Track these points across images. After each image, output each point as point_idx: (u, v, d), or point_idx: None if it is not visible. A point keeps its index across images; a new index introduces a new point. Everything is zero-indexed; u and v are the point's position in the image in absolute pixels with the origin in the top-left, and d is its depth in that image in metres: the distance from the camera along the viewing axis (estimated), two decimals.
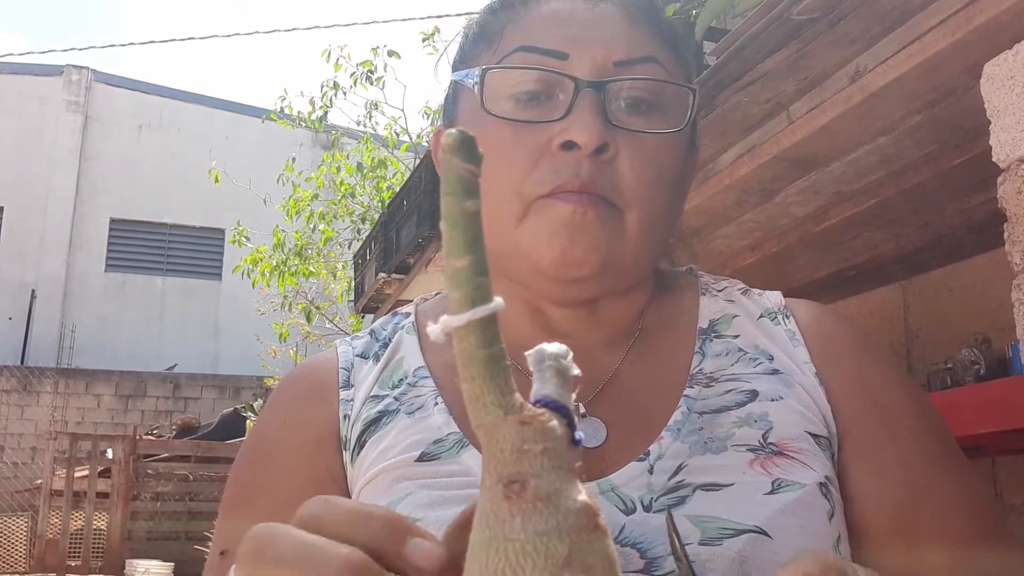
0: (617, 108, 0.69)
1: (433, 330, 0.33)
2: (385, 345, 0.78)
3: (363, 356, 0.78)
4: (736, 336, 0.73)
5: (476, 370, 0.32)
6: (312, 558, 0.37)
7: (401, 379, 0.74)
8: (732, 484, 0.62)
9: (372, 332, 0.81)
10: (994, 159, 1.44)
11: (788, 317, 0.74)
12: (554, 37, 0.71)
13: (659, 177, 0.70)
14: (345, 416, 0.73)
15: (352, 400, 0.74)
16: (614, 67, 0.69)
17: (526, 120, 0.69)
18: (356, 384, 0.75)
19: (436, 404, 0.71)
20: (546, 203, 0.67)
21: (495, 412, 0.32)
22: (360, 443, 0.71)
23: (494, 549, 0.31)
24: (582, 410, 0.69)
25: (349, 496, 0.70)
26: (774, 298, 0.77)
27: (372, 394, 0.74)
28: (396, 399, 0.73)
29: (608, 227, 0.67)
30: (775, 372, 0.70)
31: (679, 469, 0.64)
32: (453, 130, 0.32)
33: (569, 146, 0.67)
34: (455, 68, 0.78)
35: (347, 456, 0.72)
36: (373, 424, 0.71)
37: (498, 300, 0.33)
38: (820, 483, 0.63)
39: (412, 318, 0.80)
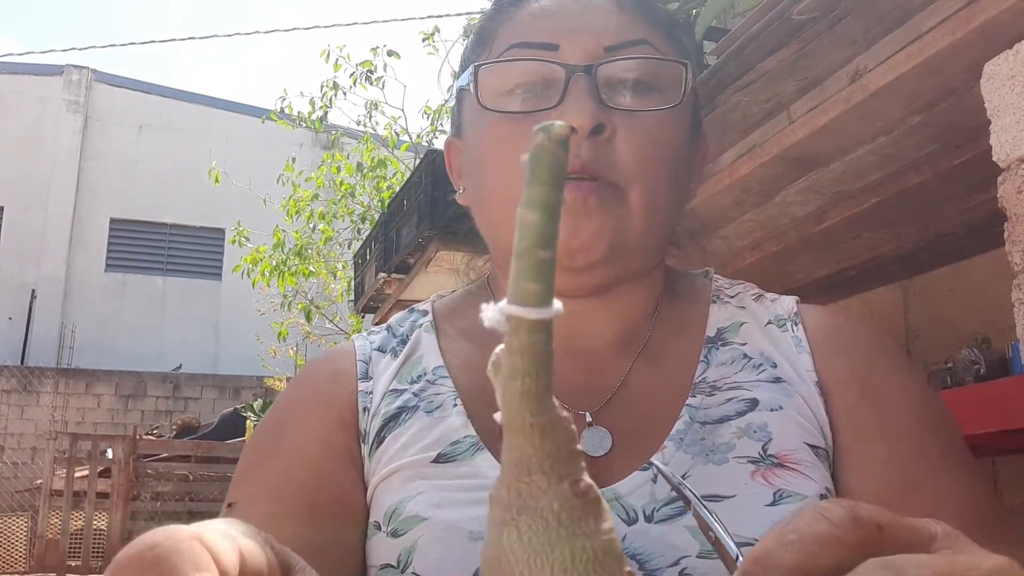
0: (611, 90, 0.69)
1: (493, 316, 0.31)
2: (403, 341, 0.78)
3: (381, 350, 0.78)
4: (743, 343, 0.73)
5: (540, 367, 0.31)
6: None
7: (420, 375, 0.74)
8: (734, 496, 0.62)
9: (389, 327, 0.81)
10: (994, 159, 1.44)
11: (797, 324, 0.74)
12: (544, 30, 0.72)
13: (659, 155, 0.70)
14: (364, 409, 0.73)
15: (371, 392, 0.74)
16: (604, 52, 0.70)
17: (521, 111, 0.70)
18: (375, 377, 0.75)
19: (455, 405, 0.71)
20: None
21: (552, 411, 0.32)
22: (379, 438, 0.71)
23: (579, 546, 0.30)
24: (588, 419, 0.69)
25: (365, 485, 0.70)
26: (786, 304, 0.76)
27: (391, 388, 0.74)
28: (415, 395, 0.73)
29: (611, 209, 0.68)
30: (777, 380, 0.70)
31: (682, 479, 0.63)
32: (560, 122, 0.31)
33: None
34: (458, 77, 0.79)
35: (365, 450, 0.72)
36: (393, 420, 0.72)
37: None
38: (821, 495, 0.63)
39: (430, 317, 0.80)
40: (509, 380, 0.31)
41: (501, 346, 0.34)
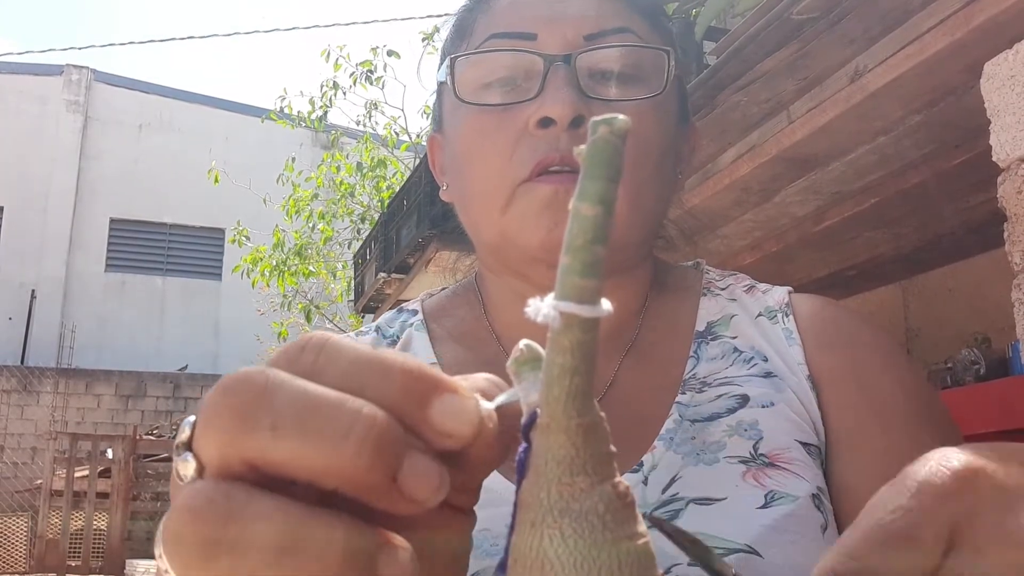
0: (592, 80, 0.68)
1: (546, 312, 0.29)
2: (394, 341, 0.76)
3: None
4: (734, 337, 0.72)
5: (588, 365, 0.30)
6: (321, 421, 0.27)
7: None
8: (725, 498, 0.60)
9: (378, 329, 0.79)
10: (994, 159, 1.44)
11: (788, 315, 0.72)
12: (522, 20, 0.70)
13: (643, 146, 0.68)
14: None
15: None
16: (584, 41, 0.68)
17: (499, 104, 0.68)
18: None
19: None
20: (528, 187, 0.66)
21: (595, 411, 0.31)
22: None
23: (623, 549, 0.30)
24: None
25: None
26: (778, 295, 0.75)
27: None
28: None
29: None
30: (768, 375, 0.68)
31: (672, 481, 0.62)
32: (623, 116, 0.30)
33: (546, 123, 0.65)
34: (438, 70, 0.77)
35: None
36: None
37: None
38: (813, 494, 0.61)
39: (420, 316, 0.79)
40: (558, 379, 0.30)
41: (525, 341, 0.33)
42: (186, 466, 0.29)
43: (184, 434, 0.29)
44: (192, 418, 0.29)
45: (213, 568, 0.26)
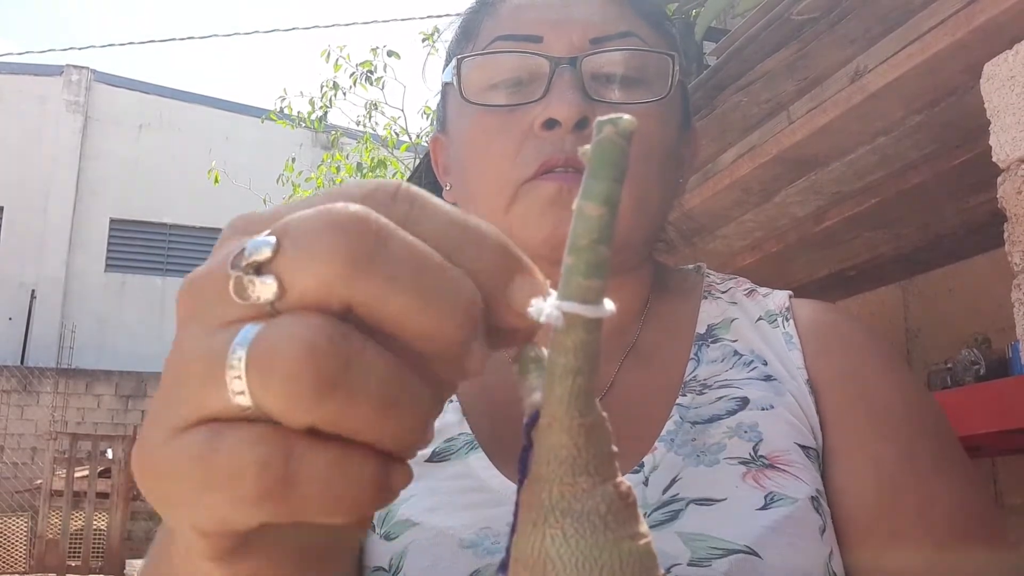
0: (597, 83, 0.68)
1: (549, 312, 0.29)
2: None
3: None
4: (734, 340, 0.72)
5: (590, 365, 0.30)
6: (434, 283, 0.27)
7: None
8: (725, 499, 0.61)
9: None
10: (994, 159, 1.44)
11: (788, 320, 0.72)
12: (529, 22, 0.70)
13: (646, 149, 0.68)
14: None
15: None
16: (590, 45, 0.69)
17: (505, 105, 0.69)
18: None
19: (451, 402, 0.70)
20: (532, 185, 0.67)
21: (597, 410, 0.31)
22: None
23: (625, 549, 0.30)
24: None
25: None
26: (778, 299, 0.75)
27: None
28: None
29: None
30: (768, 378, 0.68)
31: (673, 482, 0.62)
32: (628, 116, 0.29)
33: (551, 124, 0.66)
34: (443, 71, 0.77)
35: None
36: None
37: None
38: (812, 497, 0.62)
39: None
40: (560, 379, 0.30)
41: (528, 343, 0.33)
42: (265, 288, 0.27)
43: (263, 254, 0.27)
44: (272, 239, 0.27)
45: (322, 409, 0.25)
